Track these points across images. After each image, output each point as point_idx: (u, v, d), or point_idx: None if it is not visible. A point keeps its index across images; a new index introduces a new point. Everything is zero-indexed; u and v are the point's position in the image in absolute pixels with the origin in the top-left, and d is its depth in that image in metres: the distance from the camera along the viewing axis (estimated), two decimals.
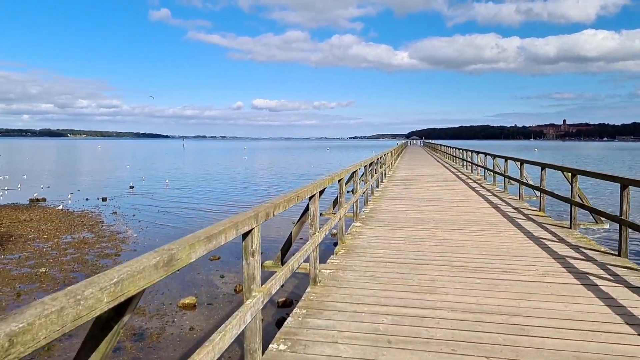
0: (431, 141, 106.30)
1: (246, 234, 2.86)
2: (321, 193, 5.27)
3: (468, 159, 23.54)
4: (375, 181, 13.57)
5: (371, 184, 11.93)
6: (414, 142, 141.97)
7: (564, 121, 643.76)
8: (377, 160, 13.79)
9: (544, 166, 10.11)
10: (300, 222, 5.86)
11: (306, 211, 5.45)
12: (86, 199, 21.04)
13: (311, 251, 4.59)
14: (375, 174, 13.44)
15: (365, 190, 10.94)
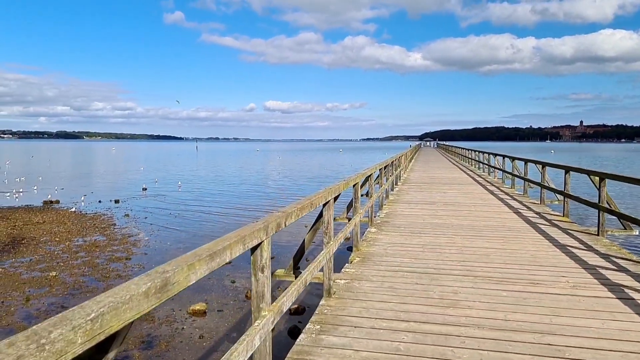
0: (445, 143, 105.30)
1: (255, 247, 2.58)
2: (336, 199, 4.97)
3: (485, 161, 23.01)
4: (390, 184, 13.22)
5: (386, 187, 11.59)
6: (428, 143, 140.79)
7: (581, 122, 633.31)
8: (392, 163, 13.45)
9: (568, 169, 9.62)
10: (313, 229, 5.58)
11: (320, 217, 5.16)
12: (99, 201, 21.04)
13: (325, 261, 4.30)
14: (391, 176, 13.10)
15: (380, 194, 10.62)
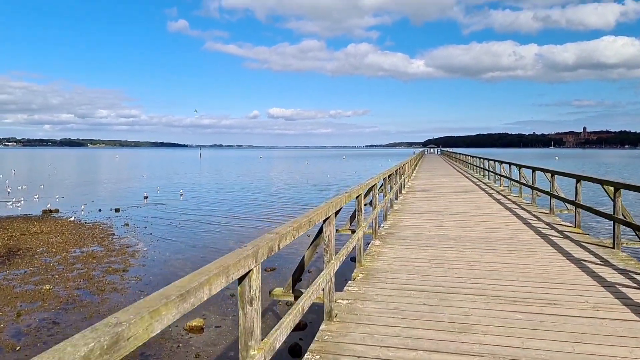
0: (449, 149, 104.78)
1: (242, 277, 2.24)
2: (337, 213, 4.63)
3: (490, 168, 22.61)
4: (395, 193, 12.86)
5: (390, 196, 11.24)
6: (431, 150, 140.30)
7: (584, 129, 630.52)
8: (396, 171, 13.10)
9: (579, 178, 9.18)
10: (313, 245, 5.24)
11: (320, 233, 4.83)
12: (99, 210, 20.77)
13: (326, 282, 3.95)
14: (395, 185, 12.75)
15: (384, 204, 10.26)
